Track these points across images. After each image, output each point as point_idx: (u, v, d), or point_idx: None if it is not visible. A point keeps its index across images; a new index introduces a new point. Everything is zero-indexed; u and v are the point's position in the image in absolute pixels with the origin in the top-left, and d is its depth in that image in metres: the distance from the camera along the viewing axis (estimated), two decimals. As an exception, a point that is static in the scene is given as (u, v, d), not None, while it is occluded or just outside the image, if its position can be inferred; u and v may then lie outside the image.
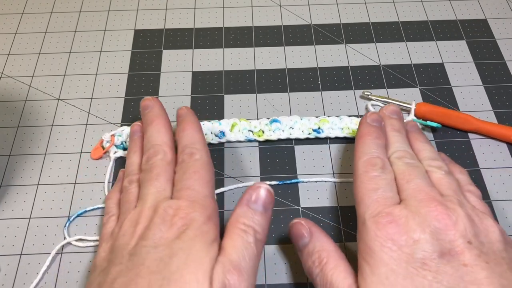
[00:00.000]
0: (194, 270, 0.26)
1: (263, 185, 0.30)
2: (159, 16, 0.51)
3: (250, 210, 0.29)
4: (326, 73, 0.46)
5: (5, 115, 0.43)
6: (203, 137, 0.34)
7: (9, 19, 0.50)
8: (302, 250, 0.30)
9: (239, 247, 0.28)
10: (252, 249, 0.28)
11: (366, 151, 0.32)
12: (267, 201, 0.30)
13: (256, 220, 0.29)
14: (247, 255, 0.27)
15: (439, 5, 0.51)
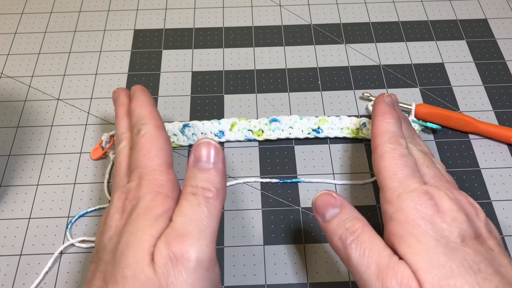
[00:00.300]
0: (132, 252, 0.25)
1: (203, 141, 0.28)
2: (159, 16, 0.51)
3: (196, 170, 0.28)
4: (326, 73, 0.46)
5: (5, 115, 0.43)
6: (151, 110, 0.33)
7: (9, 19, 0.50)
8: (330, 220, 0.29)
9: (185, 211, 0.26)
10: (202, 210, 0.26)
11: (390, 129, 0.32)
12: (214, 155, 0.28)
13: (203, 178, 0.27)
14: (196, 218, 0.26)
15: (439, 5, 0.51)
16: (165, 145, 0.30)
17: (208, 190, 0.27)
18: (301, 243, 0.36)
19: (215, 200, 0.27)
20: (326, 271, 0.35)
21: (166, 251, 0.24)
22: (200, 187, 0.27)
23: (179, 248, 0.24)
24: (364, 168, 0.40)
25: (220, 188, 0.27)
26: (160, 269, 0.24)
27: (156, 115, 0.33)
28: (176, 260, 0.24)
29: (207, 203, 0.26)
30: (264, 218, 0.37)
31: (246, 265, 0.35)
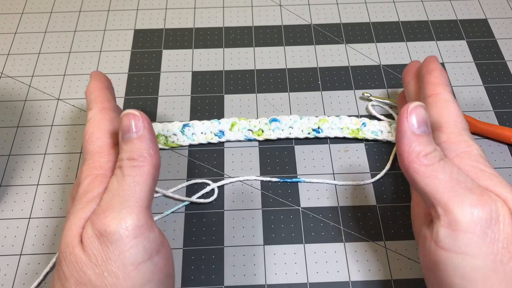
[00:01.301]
0: (64, 237, 0.26)
1: (123, 113, 0.28)
2: (159, 16, 0.51)
3: (122, 144, 0.27)
4: (326, 73, 0.46)
5: (5, 115, 0.43)
6: (99, 94, 0.32)
7: (9, 19, 0.50)
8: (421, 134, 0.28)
9: (110, 186, 0.26)
10: (125, 181, 0.26)
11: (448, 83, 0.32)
12: (134, 125, 0.27)
13: (127, 149, 0.27)
14: (119, 190, 0.26)
15: (439, 5, 0.51)
16: (109, 126, 0.30)
17: (132, 160, 0.26)
18: (301, 243, 0.36)
19: (140, 167, 0.26)
20: (326, 271, 0.35)
21: (91, 230, 0.25)
22: (124, 159, 0.27)
23: (101, 224, 0.24)
24: (364, 168, 0.40)
25: (146, 154, 0.27)
26: (88, 249, 0.24)
27: (103, 98, 0.32)
28: (101, 236, 0.24)
29: (132, 172, 0.26)
30: (264, 218, 0.37)
31: (246, 265, 0.35)
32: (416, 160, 0.26)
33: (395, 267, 0.35)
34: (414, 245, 0.36)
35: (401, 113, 0.27)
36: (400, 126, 0.27)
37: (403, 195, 0.38)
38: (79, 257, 0.24)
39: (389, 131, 0.41)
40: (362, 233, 0.36)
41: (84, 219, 0.26)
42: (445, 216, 0.25)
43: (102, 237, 0.24)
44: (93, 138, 0.29)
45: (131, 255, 0.24)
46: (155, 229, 0.26)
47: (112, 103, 0.32)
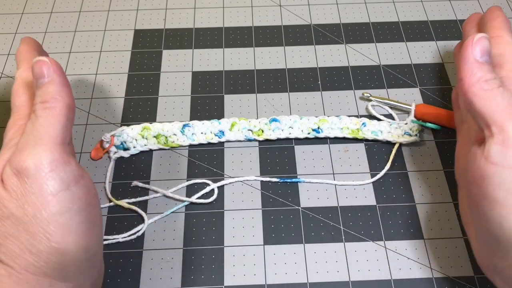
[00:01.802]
0: None
1: (34, 61, 0.29)
2: (159, 16, 0.51)
3: (36, 90, 0.29)
4: (326, 73, 0.46)
5: (5, 115, 0.43)
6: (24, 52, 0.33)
7: (9, 19, 0.50)
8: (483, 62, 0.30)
9: (26, 129, 0.28)
10: (38, 122, 0.27)
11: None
12: (45, 70, 0.28)
13: (40, 93, 0.28)
14: (33, 130, 0.27)
15: (439, 5, 0.51)
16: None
17: (44, 102, 0.28)
18: (301, 243, 0.36)
19: (52, 108, 0.28)
20: (326, 271, 0.35)
21: (9, 169, 0.26)
22: (38, 103, 0.28)
23: (17, 162, 0.26)
24: (364, 168, 0.40)
25: (57, 96, 0.28)
26: (9, 187, 0.26)
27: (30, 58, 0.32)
28: (19, 173, 0.26)
29: (44, 113, 0.27)
30: (264, 218, 0.37)
31: (246, 265, 0.35)
32: (477, 84, 0.29)
33: (395, 267, 0.35)
34: (414, 245, 0.36)
35: (466, 42, 0.30)
36: (464, 52, 0.29)
37: (403, 195, 0.38)
38: (3, 196, 0.26)
39: (389, 131, 0.41)
40: (362, 233, 0.36)
41: (5, 161, 0.27)
42: (499, 134, 0.27)
43: (20, 174, 0.26)
44: (18, 94, 0.31)
45: (48, 186, 0.26)
46: (72, 163, 0.27)
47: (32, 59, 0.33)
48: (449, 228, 0.37)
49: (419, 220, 0.37)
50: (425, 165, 0.40)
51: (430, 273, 0.35)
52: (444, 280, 0.34)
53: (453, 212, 0.37)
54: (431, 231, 0.37)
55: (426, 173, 0.39)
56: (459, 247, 0.36)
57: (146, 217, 0.37)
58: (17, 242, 0.26)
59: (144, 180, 0.39)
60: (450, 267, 0.35)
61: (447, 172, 0.39)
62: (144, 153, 0.41)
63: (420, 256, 0.35)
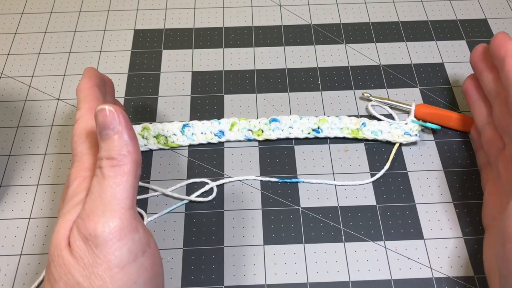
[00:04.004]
0: (53, 240, 0.26)
1: (97, 109, 0.26)
2: (159, 16, 0.51)
3: (100, 141, 0.26)
4: (326, 73, 0.46)
5: (5, 115, 0.43)
6: (87, 92, 0.31)
7: (9, 19, 0.50)
8: None
9: (92, 189, 0.26)
10: (107, 182, 0.25)
11: None
12: (110, 120, 0.26)
13: (105, 147, 0.26)
14: (101, 192, 0.25)
15: (439, 5, 0.51)
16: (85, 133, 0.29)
17: (111, 159, 0.26)
18: (301, 243, 0.36)
19: (120, 166, 0.26)
20: (326, 271, 0.35)
21: (77, 233, 0.25)
22: (104, 159, 0.26)
23: (86, 228, 0.24)
24: (364, 168, 0.40)
25: (125, 151, 0.26)
26: (75, 252, 0.25)
27: (92, 96, 0.31)
28: (87, 240, 0.24)
29: (112, 172, 0.25)
30: (264, 218, 0.37)
31: (246, 265, 0.35)
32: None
33: (395, 267, 0.35)
34: (414, 245, 0.36)
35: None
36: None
37: (403, 195, 0.38)
38: (66, 260, 0.25)
39: (389, 131, 0.41)
40: (362, 233, 0.36)
41: (72, 222, 0.26)
42: None
43: (88, 241, 0.24)
44: (81, 139, 0.29)
45: (116, 257, 0.24)
46: (140, 230, 0.26)
47: (99, 103, 0.31)
48: (449, 228, 0.37)
49: (419, 220, 0.37)
50: (425, 165, 0.40)
51: (430, 273, 0.35)
52: (444, 280, 0.34)
53: (453, 212, 0.37)
54: (431, 231, 0.36)
55: (426, 173, 0.39)
56: (459, 247, 0.36)
57: (145, 215, 0.37)
58: None
59: (144, 180, 0.39)
60: (450, 267, 0.35)
61: (447, 172, 0.39)
62: (144, 153, 0.41)
63: (420, 256, 0.35)
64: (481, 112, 0.37)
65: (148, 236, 0.26)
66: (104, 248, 0.24)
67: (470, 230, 0.36)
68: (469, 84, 0.39)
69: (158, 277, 0.27)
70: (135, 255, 0.25)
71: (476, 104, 0.38)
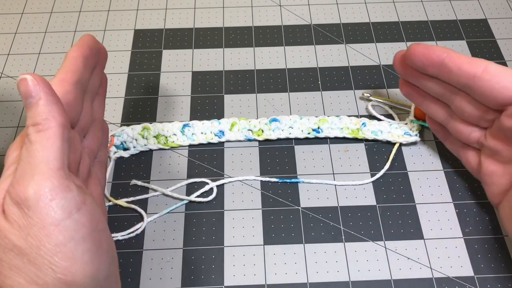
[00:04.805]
0: None
1: (19, 78, 0.27)
2: (159, 16, 0.51)
3: (26, 110, 0.27)
4: (326, 73, 0.46)
5: (5, 115, 0.43)
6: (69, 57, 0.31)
7: (9, 19, 0.50)
8: None
9: (22, 156, 0.26)
10: (34, 147, 0.26)
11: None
12: (32, 89, 0.26)
13: (30, 115, 0.27)
14: (28, 157, 0.26)
15: (439, 5, 0.51)
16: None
17: (36, 125, 0.26)
18: (301, 243, 0.36)
19: (45, 130, 0.26)
20: (326, 271, 0.35)
21: (10, 199, 0.25)
22: (29, 126, 0.26)
23: (16, 193, 0.25)
24: (364, 168, 0.40)
25: (49, 116, 0.26)
26: (11, 218, 0.25)
27: (70, 68, 0.31)
28: (19, 204, 0.25)
29: (38, 137, 0.26)
30: (264, 218, 0.37)
31: (246, 265, 0.35)
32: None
33: (395, 267, 0.35)
34: (414, 245, 0.36)
35: None
36: None
37: (402, 195, 0.38)
38: (2, 225, 0.25)
39: (389, 131, 0.41)
40: (362, 233, 0.36)
41: (5, 190, 0.26)
42: None
43: (20, 204, 0.25)
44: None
45: (49, 216, 0.25)
46: (73, 188, 0.26)
47: (76, 75, 0.31)
48: (449, 228, 0.37)
49: (419, 220, 0.37)
50: (425, 165, 0.40)
51: (430, 273, 0.35)
52: (444, 280, 0.34)
53: (453, 212, 0.37)
54: (431, 231, 0.37)
55: (426, 173, 0.39)
56: (459, 247, 0.36)
57: (145, 215, 0.37)
58: (23, 274, 0.25)
59: (144, 180, 0.39)
60: (450, 267, 0.35)
61: (447, 172, 0.39)
62: (144, 153, 0.41)
63: (420, 256, 0.35)
64: (437, 109, 0.37)
65: (83, 194, 0.27)
66: (36, 209, 0.25)
67: (470, 230, 0.36)
68: (408, 88, 0.38)
69: (99, 232, 0.27)
70: (69, 212, 0.25)
71: (426, 103, 0.37)
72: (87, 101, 0.33)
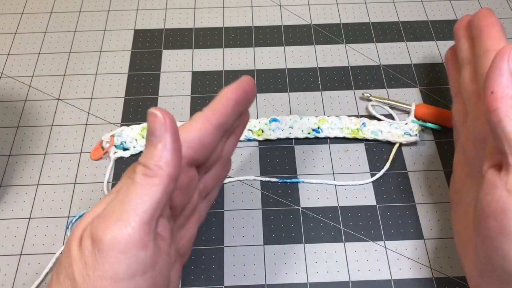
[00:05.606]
0: (72, 233, 0.25)
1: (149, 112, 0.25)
2: (159, 16, 0.51)
3: (145, 144, 0.25)
4: (326, 73, 0.46)
5: (5, 115, 0.43)
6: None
7: (9, 19, 0.50)
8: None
9: (120, 190, 0.25)
10: (134, 189, 0.24)
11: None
12: (157, 128, 0.25)
13: (146, 153, 0.25)
14: (125, 198, 0.24)
15: (439, 5, 0.51)
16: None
17: (146, 168, 0.24)
18: (301, 243, 0.36)
19: (152, 177, 0.24)
20: (326, 271, 0.35)
21: (89, 230, 0.24)
22: (140, 165, 0.25)
23: (96, 229, 0.24)
24: (364, 168, 0.40)
25: (162, 163, 0.24)
26: (84, 250, 0.24)
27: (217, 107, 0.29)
28: (93, 241, 0.24)
29: (143, 181, 0.24)
30: (264, 218, 0.37)
31: (246, 265, 0.35)
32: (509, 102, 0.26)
33: (395, 267, 0.35)
34: (414, 245, 0.36)
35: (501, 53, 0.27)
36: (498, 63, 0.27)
37: (402, 195, 0.38)
38: (73, 252, 0.24)
39: (389, 131, 0.41)
40: (362, 233, 0.36)
41: (92, 219, 0.25)
42: None
43: (94, 242, 0.24)
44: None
45: (112, 270, 0.23)
46: (149, 248, 0.24)
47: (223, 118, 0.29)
48: (449, 228, 0.37)
49: (419, 220, 0.37)
50: (425, 165, 0.40)
51: (430, 273, 0.35)
52: (444, 280, 0.34)
53: (453, 212, 0.37)
54: (431, 231, 0.37)
55: (426, 173, 0.39)
56: (459, 247, 0.36)
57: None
58: None
59: (144, 180, 0.39)
60: (450, 267, 0.35)
61: (447, 172, 0.39)
62: (144, 153, 0.41)
63: (420, 256, 0.35)
64: (455, 82, 0.37)
65: (156, 257, 0.25)
66: (104, 256, 0.23)
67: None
68: (449, 54, 0.39)
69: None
70: (134, 273, 0.24)
71: (452, 74, 0.38)
72: (221, 142, 0.31)
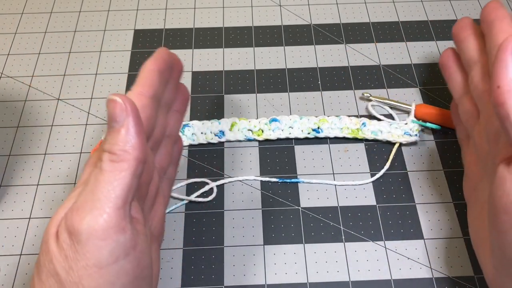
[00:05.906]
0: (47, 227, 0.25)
1: (108, 98, 0.25)
2: (159, 16, 0.51)
3: (107, 132, 0.25)
4: (326, 73, 0.46)
5: (5, 115, 0.43)
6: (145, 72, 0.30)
7: (9, 19, 0.50)
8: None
9: (89, 181, 0.25)
10: (103, 177, 0.24)
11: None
12: (118, 113, 0.24)
13: (109, 140, 0.25)
14: (95, 187, 0.24)
15: (439, 5, 0.51)
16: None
17: (112, 154, 0.24)
18: (301, 243, 0.36)
19: (119, 162, 0.24)
20: (326, 271, 0.35)
21: (64, 224, 0.24)
22: (105, 152, 0.24)
23: (72, 221, 0.24)
24: (364, 168, 0.40)
25: (128, 147, 0.24)
26: (61, 243, 0.24)
27: (146, 81, 0.29)
28: (70, 234, 0.24)
29: (111, 167, 0.24)
30: (264, 218, 0.37)
31: (246, 265, 0.35)
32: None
33: (395, 267, 0.35)
34: (414, 245, 0.36)
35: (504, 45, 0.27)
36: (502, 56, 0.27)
37: (402, 195, 0.38)
38: (51, 248, 0.24)
39: (389, 131, 0.41)
40: (362, 233, 0.36)
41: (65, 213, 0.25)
42: None
43: (71, 235, 0.24)
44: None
45: (95, 257, 0.24)
46: (127, 231, 0.24)
47: (152, 89, 0.29)
48: (449, 228, 0.37)
49: (419, 220, 0.37)
50: (425, 165, 0.40)
51: (430, 273, 0.35)
52: (444, 280, 0.34)
53: (453, 212, 0.37)
54: (431, 231, 0.37)
55: (426, 173, 0.39)
56: (459, 247, 0.36)
57: (146, 217, 0.37)
58: None
59: (144, 180, 0.39)
60: (450, 267, 0.35)
61: (447, 172, 0.39)
62: (144, 153, 0.41)
63: (420, 256, 0.35)
64: (459, 83, 0.36)
65: (136, 238, 0.25)
66: (84, 246, 0.23)
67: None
68: (446, 57, 0.39)
69: (142, 279, 0.26)
70: (116, 257, 0.24)
71: (453, 76, 0.37)
72: (161, 115, 0.31)
